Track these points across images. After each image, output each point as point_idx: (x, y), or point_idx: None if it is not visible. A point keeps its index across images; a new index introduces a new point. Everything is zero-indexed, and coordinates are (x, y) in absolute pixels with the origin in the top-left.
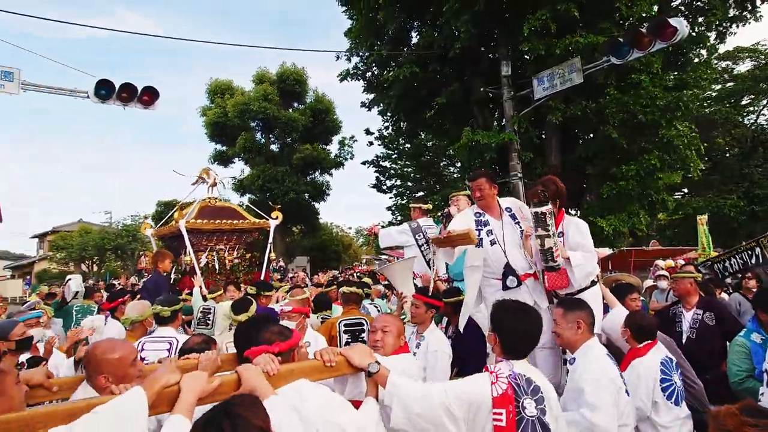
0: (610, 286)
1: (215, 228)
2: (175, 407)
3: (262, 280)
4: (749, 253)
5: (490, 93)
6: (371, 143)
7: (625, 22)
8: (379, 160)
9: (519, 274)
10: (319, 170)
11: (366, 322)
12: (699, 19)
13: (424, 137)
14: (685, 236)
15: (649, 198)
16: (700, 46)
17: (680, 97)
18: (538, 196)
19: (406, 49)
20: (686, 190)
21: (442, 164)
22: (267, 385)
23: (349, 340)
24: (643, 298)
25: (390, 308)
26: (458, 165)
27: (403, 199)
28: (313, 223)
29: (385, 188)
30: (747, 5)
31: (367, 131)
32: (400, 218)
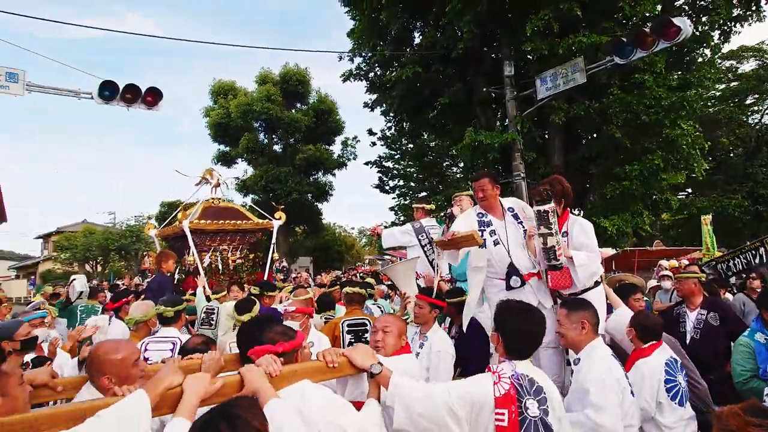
0: (613, 286)
1: (218, 228)
2: (177, 409)
3: (266, 280)
4: (753, 252)
5: (492, 93)
6: (374, 144)
7: (629, 22)
8: (382, 160)
9: (522, 273)
10: (322, 171)
11: (369, 323)
12: (703, 19)
13: (426, 137)
14: (689, 236)
15: (653, 198)
16: (704, 46)
17: (684, 97)
18: (541, 194)
19: (408, 50)
20: (690, 190)
21: (444, 164)
22: (269, 387)
23: (353, 341)
24: (646, 299)
25: (393, 308)
26: (461, 165)
27: (406, 199)
28: (316, 224)
29: (387, 188)
30: (752, 5)
31: (370, 131)
32: (402, 218)
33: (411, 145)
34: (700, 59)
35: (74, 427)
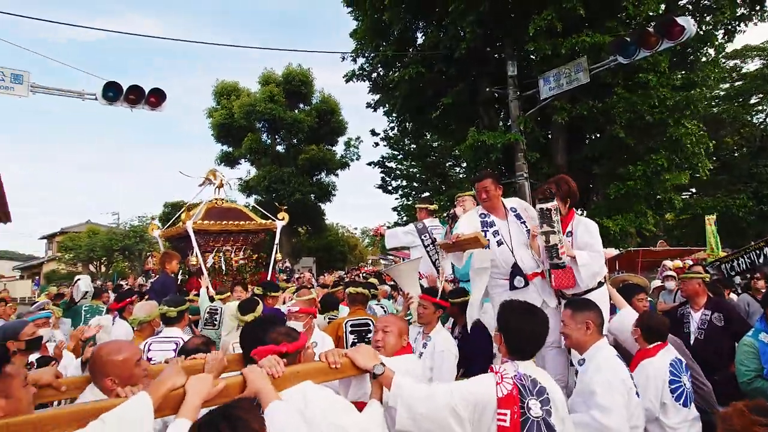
0: (617, 286)
1: (222, 229)
2: (180, 410)
3: (269, 280)
4: (757, 252)
5: (495, 93)
6: (377, 144)
7: (632, 21)
8: (385, 160)
9: (526, 273)
10: (325, 171)
11: (372, 323)
12: (707, 18)
13: (429, 138)
14: (693, 236)
15: (657, 198)
16: (708, 45)
17: (688, 97)
18: (544, 193)
19: (411, 50)
20: (694, 190)
21: (447, 165)
22: (271, 388)
23: (356, 341)
24: (650, 299)
25: (396, 309)
26: (464, 165)
27: (409, 199)
28: (319, 224)
29: (390, 189)
30: (756, 5)
31: (373, 132)
32: (405, 219)
33: (414, 146)
34: (704, 59)
35: (77, 430)
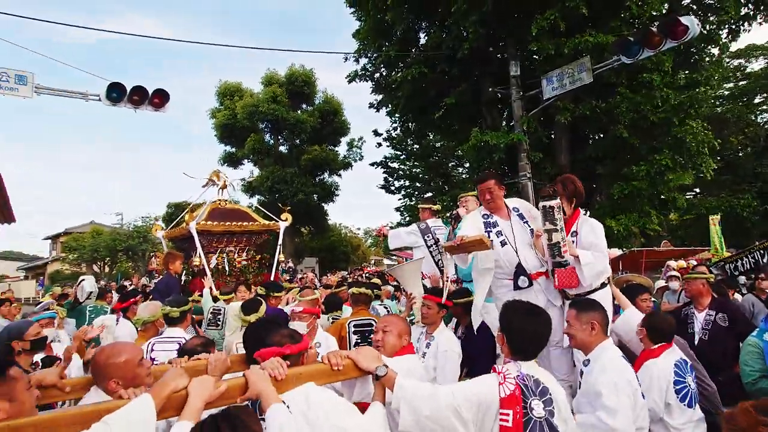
0: (620, 286)
1: (225, 230)
2: (182, 412)
3: (272, 280)
4: (762, 252)
5: (498, 93)
6: (380, 144)
7: (636, 21)
8: (388, 161)
9: (530, 273)
10: (328, 171)
11: (375, 323)
12: (710, 18)
13: (432, 138)
14: (698, 236)
15: (661, 198)
16: (712, 45)
17: (692, 96)
18: (547, 191)
19: (414, 50)
20: (698, 190)
21: (450, 165)
22: (273, 390)
23: (359, 341)
24: (654, 300)
25: (399, 309)
26: (467, 165)
27: (412, 200)
28: (322, 224)
29: (393, 189)
30: (761, 4)
31: (376, 132)
32: (408, 219)
33: (416, 146)
34: (708, 58)
35: None
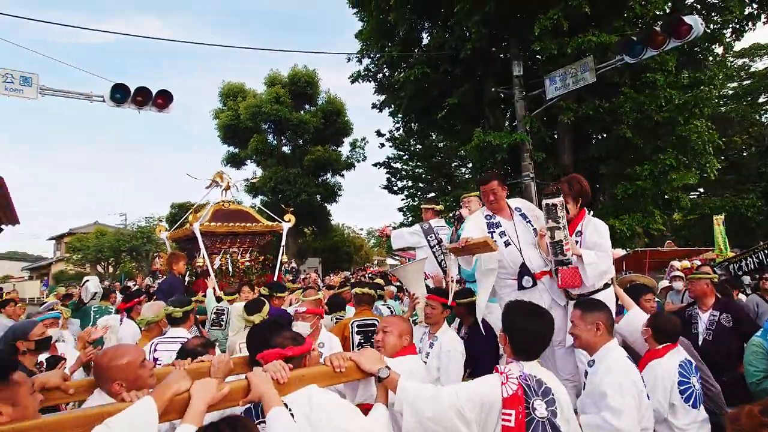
0: (624, 287)
1: (229, 231)
2: (185, 415)
3: (275, 281)
4: (766, 252)
5: (501, 93)
6: (382, 145)
7: (639, 21)
8: (391, 161)
9: (534, 272)
10: (331, 172)
11: (378, 323)
12: (714, 17)
13: (435, 138)
14: (701, 236)
15: (664, 197)
16: (716, 45)
17: (696, 96)
18: (551, 189)
19: (417, 50)
20: (702, 190)
21: (453, 165)
22: (275, 393)
23: (362, 341)
24: (658, 300)
25: (403, 309)
26: (470, 166)
27: (415, 200)
28: (325, 225)
29: (396, 189)
30: (764, 4)
31: (378, 132)
32: (411, 219)
33: (419, 146)
34: (712, 58)
35: None
